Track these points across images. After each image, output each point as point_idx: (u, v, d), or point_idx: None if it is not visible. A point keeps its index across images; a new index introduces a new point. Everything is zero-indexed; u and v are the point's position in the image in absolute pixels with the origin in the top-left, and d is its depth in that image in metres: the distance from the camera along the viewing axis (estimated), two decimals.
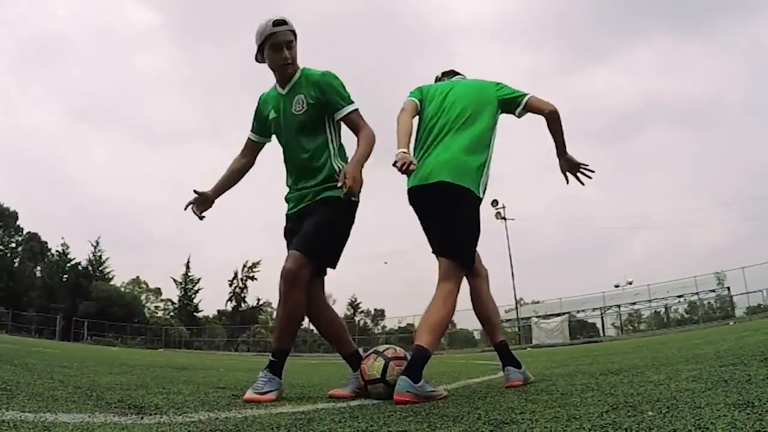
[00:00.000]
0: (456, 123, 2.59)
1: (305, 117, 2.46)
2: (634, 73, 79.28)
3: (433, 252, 2.57)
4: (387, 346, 2.54)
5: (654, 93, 74.49)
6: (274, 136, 2.65)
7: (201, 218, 2.65)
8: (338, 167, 2.45)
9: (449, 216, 2.49)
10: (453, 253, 2.48)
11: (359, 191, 2.31)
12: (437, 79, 3.08)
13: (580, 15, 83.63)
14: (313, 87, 2.46)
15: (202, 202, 2.65)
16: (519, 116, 2.76)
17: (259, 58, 2.50)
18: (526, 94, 2.72)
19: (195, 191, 2.62)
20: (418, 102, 2.75)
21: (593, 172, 2.84)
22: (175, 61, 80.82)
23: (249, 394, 2.20)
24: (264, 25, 2.40)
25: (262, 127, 2.67)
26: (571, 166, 2.84)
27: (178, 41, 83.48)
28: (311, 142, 2.47)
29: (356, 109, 2.49)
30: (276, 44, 2.41)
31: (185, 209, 2.63)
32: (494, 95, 2.72)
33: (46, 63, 73.56)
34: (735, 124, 72.79)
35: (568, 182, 2.89)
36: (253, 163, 2.74)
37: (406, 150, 2.48)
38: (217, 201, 2.70)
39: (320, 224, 2.36)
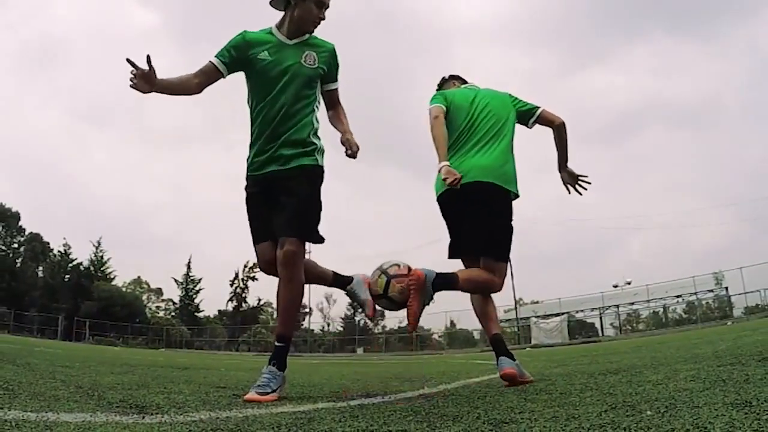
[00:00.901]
0: (491, 132, 2.79)
1: (313, 73, 2.49)
2: (633, 75, 79.41)
3: (463, 252, 2.78)
4: (392, 263, 2.59)
5: (653, 94, 74.62)
6: (231, 76, 2.51)
7: (132, 85, 2.29)
8: (316, 140, 2.48)
9: (497, 217, 2.71)
10: (502, 255, 2.70)
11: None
12: (444, 81, 3.15)
13: (580, 16, 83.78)
14: (325, 53, 2.53)
15: (146, 78, 2.28)
16: (530, 127, 2.99)
17: (291, 4, 2.45)
18: (539, 107, 2.97)
19: (149, 61, 2.25)
20: (445, 109, 2.84)
21: (590, 184, 3.05)
22: (175, 62, 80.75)
23: (251, 395, 2.20)
24: None
25: (235, 62, 2.46)
26: (571, 178, 3.06)
27: (179, 42, 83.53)
28: (303, 101, 2.46)
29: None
30: (321, 2, 2.46)
31: (127, 61, 2.26)
32: (512, 106, 2.94)
33: (47, 64, 73.64)
34: (733, 126, 72.90)
35: (569, 193, 3.07)
36: (200, 91, 2.49)
37: (449, 163, 2.62)
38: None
39: (307, 203, 2.39)
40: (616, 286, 31.32)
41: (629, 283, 31.24)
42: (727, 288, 25.93)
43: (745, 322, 16.65)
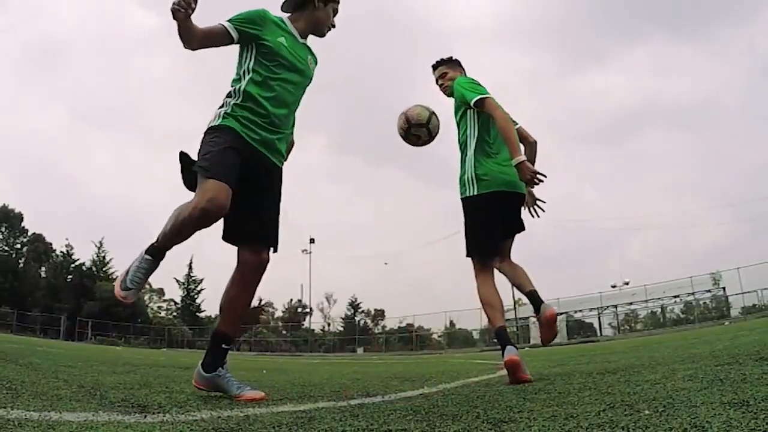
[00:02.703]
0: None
1: (311, 79, 2.51)
2: (632, 75, 79.45)
3: (488, 253, 2.88)
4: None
5: (652, 95, 74.68)
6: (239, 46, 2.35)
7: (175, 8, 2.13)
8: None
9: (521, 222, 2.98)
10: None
11: None
12: (452, 62, 3.20)
13: (579, 18, 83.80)
14: (315, 64, 2.53)
15: (189, 10, 2.16)
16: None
17: (313, 4, 2.41)
18: (518, 123, 3.19)
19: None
20: None
21: (544, 211, 3.16)
22: (177, 63, 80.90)
23: (252, 394, 2.21)
24: None
25: (248, 35, 2.28)
26: (530, 198, 3.12)
27: (180, 44, 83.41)
28: (298, 105, 2.46)
29: None
30: (336, 9, 2.50)
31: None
32: None
33: (49, 65, 73.72)
34: (731, 127, 72.95)
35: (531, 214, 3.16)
36: (196, 48, 2.29)
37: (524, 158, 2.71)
38: None
39: (278, 213, 2.38)
40: (614, 287, 31.34)
41: (627, 284, 31.30)
42: (724, 288, 25.93)
43: (742, 322, 16.64)
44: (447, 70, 3.17)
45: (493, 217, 2.83)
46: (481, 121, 2.92)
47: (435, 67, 3.24)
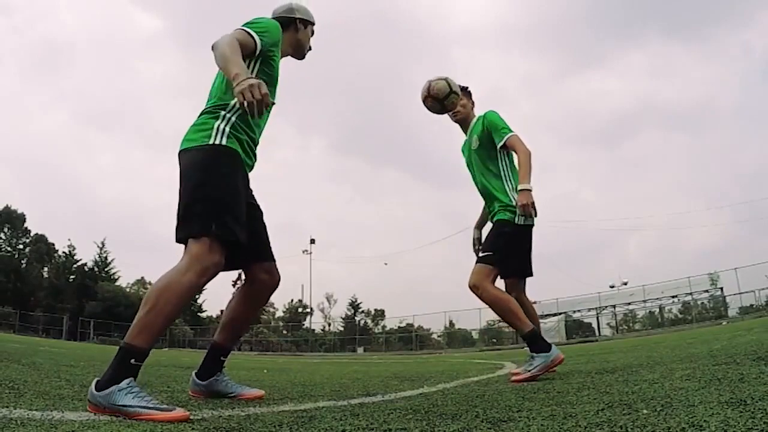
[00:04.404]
0: None
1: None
2: (629, 78, 79.48)
3: (522, 275, 3.13)
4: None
5: (649, 97, 74.66)
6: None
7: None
8: None
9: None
10: None
11: None
12: (466, 92, 3.19)
13: (577, 21, 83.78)
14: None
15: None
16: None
17: (294, 26, 2.29)
18: None
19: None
20: None
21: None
22: (178, 66, 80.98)
23: (252, 392, 2.22)
24: (311, 14, 2.39)
25: (265, 54, 2.07)
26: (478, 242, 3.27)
27: (182, 47, 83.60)
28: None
29: None
30: (313, 31, 2.42)
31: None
32: None
33: (53, 68, 73.79)
34: (727, 129, 73.06)
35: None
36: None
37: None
38: None
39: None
40: (612, 287, 31.28)
41: (626, 284, 31.23)
42: (722, 288, 25.89)
43: (739, 321, 16.62)
44: (455, 101, 3.07)
45: (530, 248, 3.07)
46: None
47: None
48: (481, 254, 2.96)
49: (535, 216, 2.90)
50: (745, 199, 65.94)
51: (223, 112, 1.96)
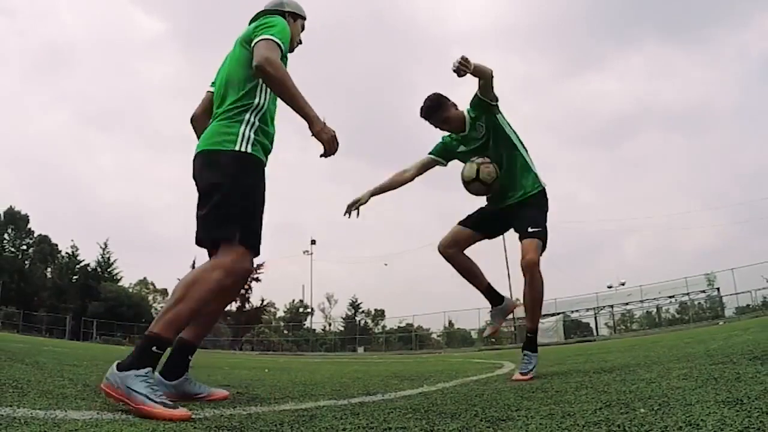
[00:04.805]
0: None
1: None
2: (628, 80, 79.50)
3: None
4: (478, 157, 2.96)
5: (647, 99, 74.65)
6: None
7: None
8: None
9: None
10: None
11: None
12: (434, 109, 3.05)
13: (576, 23, 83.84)
14: None
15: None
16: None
17: (290, 20, 2.26)
18: None
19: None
20: None
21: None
22: (180, 68, 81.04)
23: (219, 393, 2.23)
24: (302, 8, 2.36)
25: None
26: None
27: (182, 48, 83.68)
28: None
29: None
30: (303, 26, 2.39)
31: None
32: None
33: (55, 70, 73.88)
34: (726, 130, 73.04)
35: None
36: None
37: None
38: None
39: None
40: (610, 287, 31.27)
41: (623, 284, 31.21)
42: (718, 289, 25.87)
43: (736, 321, 16.60)
44: (445, 114, 3.01)
45: None
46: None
47: (428, 117, 3.04)
48: (531, 228, 2.79)
49: None
50: (743, 200, 65.91)
51: (246, 115, 1.99)
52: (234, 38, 2.20)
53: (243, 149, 1.93)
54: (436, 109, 3.00)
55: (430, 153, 3.21)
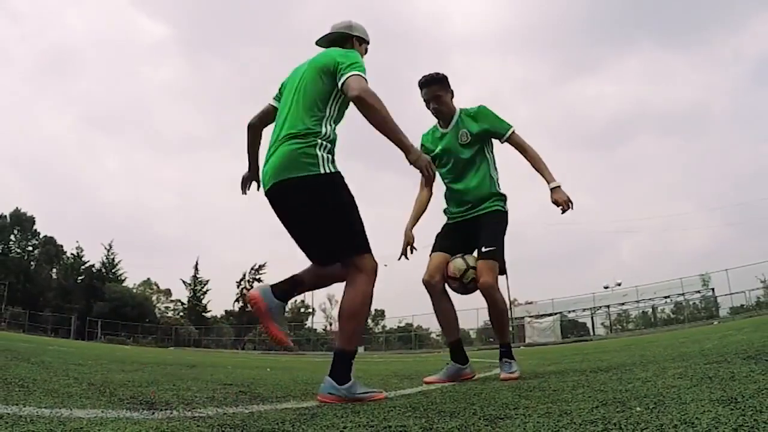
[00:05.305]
0: None
1: None
2: (624, 83, 79.52)
3: (504, 271, 2.90)
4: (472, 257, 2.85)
5: (643, 102, 74.67)
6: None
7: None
8: None
9: None
10: None
11: None
12: (435, 81, 3.02)
13: (572, 27, 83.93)
14: None
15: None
16: None
17: (350, 42, 2.40)
18: None
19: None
20: None
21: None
22: (183, 72, 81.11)
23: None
24: (367, 33, 2.48)
25: None
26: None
27: (187, 53, 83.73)
28: None
29: None
30: (366, 50, 2.49)
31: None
32: None
33: (61, 74, 73.89)
34: (719, 132, 73.10)
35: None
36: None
37: None
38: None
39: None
40: (606, 288, 31.23)
41: (619, 285, 31.17)
42: (713, 289, 25.86)
43: (730, 321, 16.61)
44: (441, 92, 2.98)
45: None
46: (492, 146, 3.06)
47: (427, 85, 2.98)
48: (485, 249, 2.77)
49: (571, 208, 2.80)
50: (737, 202, 65.91)
51: (319, 140, 2.09)
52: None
53: (330, 170, 2.07)
54: (439, 81, 2.98)
55: None
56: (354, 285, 2.04)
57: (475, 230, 2.89)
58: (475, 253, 2.86)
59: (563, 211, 2.78)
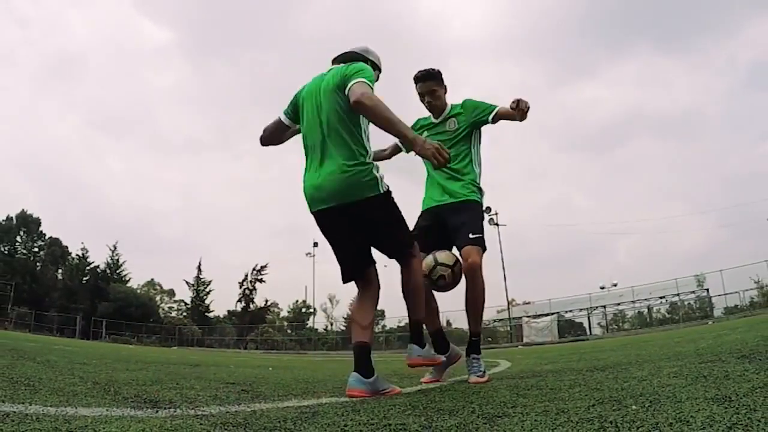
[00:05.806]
0: None
1: None
2: (619, 87, 79.55)
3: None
4: (445, 252, 2.80)
5: (638, 106, 74.70)
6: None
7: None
8: None
9: None
10: None
11: None
12: (431, 76, 3.02)
13: (569, 31, 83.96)
14: None
15: None
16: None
17: (376, 74, 2.48)
18: None
19: None
20: None
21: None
22: (187, 76, 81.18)
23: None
24: (381, 61, 2.62)
25: None
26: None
27: (190, 57, 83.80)
28: None
29: None
30: (377, 79, 2.54)
31: None
32: None
33: (66, 78, 74.00)
34: (713, 136, 73.09)
35: None
36: None
37: None
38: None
39: None
40: (603, 288, 31.22)
41: (615, 285, 31.16)
42: (708, 289, 25.87)
43: (725, 321, 16.59)
44: (436, 87, 2.99)
45: None
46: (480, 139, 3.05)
47: (423, 80, 2.99)
48: (473, 236, 2.74)
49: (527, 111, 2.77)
50: (730, 204, 65.97)
51: (372, 162, 2.32)
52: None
53: (386, 189, 2.32)
54: (434, 76, 3.00)
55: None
56: (412, 267, 2.39)
57: (455, 217, 2.85)
58: (455, 250, 2.84)
59: (520, 111, 2.73)
